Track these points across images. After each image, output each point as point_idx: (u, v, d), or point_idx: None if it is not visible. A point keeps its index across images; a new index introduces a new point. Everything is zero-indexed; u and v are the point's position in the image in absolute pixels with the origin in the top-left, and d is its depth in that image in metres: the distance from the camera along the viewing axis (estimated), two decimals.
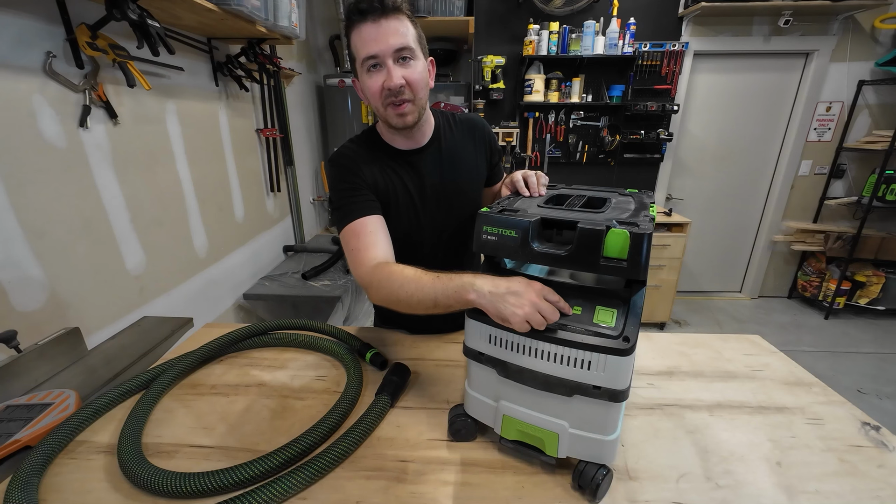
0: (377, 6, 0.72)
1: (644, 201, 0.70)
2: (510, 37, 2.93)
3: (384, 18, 0.73)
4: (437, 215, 0.91)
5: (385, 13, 0.73)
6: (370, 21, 0.73)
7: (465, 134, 0.95)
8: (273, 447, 0.63)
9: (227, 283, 1.95)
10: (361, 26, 0.74)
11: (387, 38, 0.73)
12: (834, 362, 2.65)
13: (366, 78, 0.78)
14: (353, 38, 0.76)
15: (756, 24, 2.84)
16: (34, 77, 1.06)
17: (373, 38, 0.73)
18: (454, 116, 0.97)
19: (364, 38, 0.74)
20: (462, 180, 0.93)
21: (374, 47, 0.73)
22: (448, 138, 0.92)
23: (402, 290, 0.68)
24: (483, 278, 0.60)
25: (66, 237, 1.16)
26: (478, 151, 0.96)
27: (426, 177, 0.89)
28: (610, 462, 0.58)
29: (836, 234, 3.07)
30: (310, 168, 2.98)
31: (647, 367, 0.89)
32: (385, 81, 0.76)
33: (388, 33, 0.73)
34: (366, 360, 0.90)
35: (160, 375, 0.82)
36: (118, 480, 0.61)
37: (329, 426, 0.68)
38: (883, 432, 0.71)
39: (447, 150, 0.91)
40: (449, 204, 0.92)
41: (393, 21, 0.73)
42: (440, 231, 0.93)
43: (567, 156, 3.17)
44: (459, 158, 0.92)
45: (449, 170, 0.91)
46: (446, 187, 0.91)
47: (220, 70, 1.81)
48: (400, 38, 0.74)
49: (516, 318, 0.54)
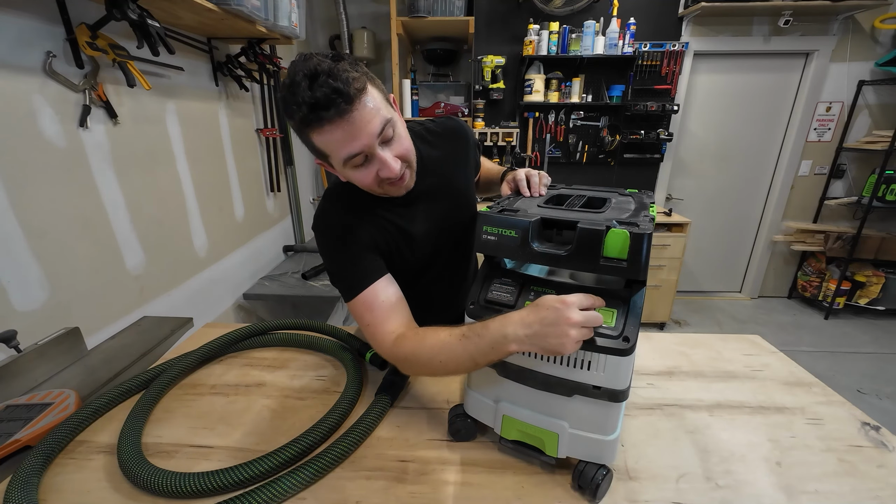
0: (339, 100, 0.57)
1: (644, 201, 0.70)
2: (510, 37, 2.93)
3: (354, 109, 0.58)
4: (440, 241, 0.85)
5: (352, 102, 0.58)
6: (337, 119, 0.58)
7: (447, 146, 0.86)
8: (273, 447, 0.63)
9: (227, 283, 1.95)
10: (325, 127, 0.59)
11: (365, 129, 0.60)
12: (834, 362, 2.65)
13: (352, 173, 0.66)
14: (315, 140, 0.62)
15: (756, 25, 2.84)
16: (34, 77, 1.07)
17: (349, 137, 0.60)
18: (429, 131, 0.86)
19: (337, 140, 0.60)
20: (458, 196, 0.87)
21: (355, 146, 0.61)
22: (434, 162, 0.82)
23: (435, 360, 0.63)
24: (512, 323, 0.54)
25: (66, 237, 1.16)
26: (465, 158, 0.89)
27: (423, 212, 0.81)
28: (610, 462, 0.58)
29: (836, 235, 3.07)
30: (310, 168, 2.98)
31: (647, 367, 0.89)
32: (381, 171, 0.65)
33: (363, 123, 0.60)
34: (366, 360, 0.90)
35: (160, 375, 0.82)
36: (118, 480, 0.61)
37: (329, 426, 0.68)
38: (883, 432, 0.71)
39: (436, 175, 0.82)
40: (450, 225, 0.86)
41: (363, 106, 0.59)
42: (446, 252, 0.88)
43: (567, 156, 3.17)
44: (450, 176, 0.85)
45: (443, 195, 0.84)
46: (444, 211, 0.84)
47: (220, 70, 1.81)
48: (378, 120, 0.61)
49: (567, 349, 0.50)
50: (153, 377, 0.82)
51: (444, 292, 0.93)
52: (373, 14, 2.90)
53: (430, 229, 0.82)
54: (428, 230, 0.82)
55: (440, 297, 0.92)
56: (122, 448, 0.63)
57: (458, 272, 0.95)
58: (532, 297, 0.59)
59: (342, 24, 2.68)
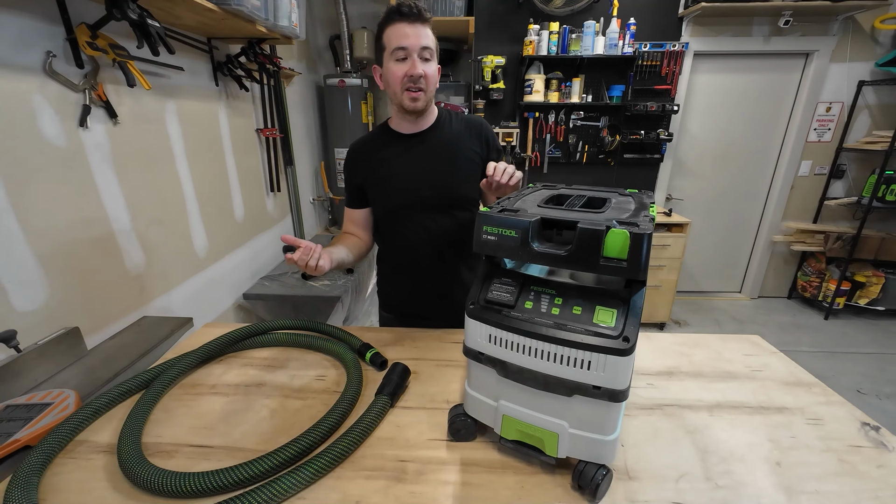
0: (416, 13, 0.92)
1: (644, 201, 0.70)
2: (510, 37, 2.93)
3: (419, 23, 0.93)
4: (430, 192, 1.04)
5: (420, 20, 0.93)
6: (407, 22, 0.92)
7: (463, 128, 1.09)
8: (273, 447, 0.63)
9: (226, 283, 1.95)
10: (399, 24, 0.92)
11: (417, 38, 0.92)
12: (834, 362, 2.65)
13: (392, 65, 0.95)
14: (387, 31, 0.94)
15: (756, 25, 2.85)
16: (34, 77, 1.07)
17: (406, 35, 0.92)
18: (458, 115, 1.12)
19: (399, 33, 0.92)
20: (454, 161, 1.06)
21: (405, 41, 0.92)
22: (446, 129, 1.08)
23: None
24: None
25: (66, 237, 1.16)
26: (472, 142, 1.08)
27: (416, 155, 1.05)
28: (610, 462, 0.58)
29: (836, 235, 3.07)
30: (310, 168, 2.98)
31: (647, 367, 0.89)
32: (408, 70, 0.93)
33: (419, 34, 0.92)
34: (366, 361, 0.90)
35: (160, 375, 0.82)
36: (118, 480, 0.61)
37: (329, 426, 0.68)
38: (883, 433, 0.71)
39: (444, 136, 1.07)
40: (442, 182, 1.05)
41: (424, 28, 0.94)
42: (434, 210, 1.06)
43: (567, 156, 3.17)
44: (454, 145, 1.07)
45: (442, 151, 1.06)
46: (439, 166, 1.05)
47: (220, 70, 1.81)
48: (426, 41, 0.94)
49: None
50: (153, 377, 0.82)
51: (427, 241, 1.08)
52: (373, 14, 2.90)
53: (413, 170, 1.04)
54: (412, 170, 1.04)
55: (424, 246, 1.08)
56: (122, 448, 0.63)
57: (442, 232, 1.07)
58: (532, 296, 0.59)
59: (342, 24, 2.68)
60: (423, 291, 1.13)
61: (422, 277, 1.11)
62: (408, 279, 1.13)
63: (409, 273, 1.12)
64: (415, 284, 1.13)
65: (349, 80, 2.70)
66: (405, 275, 1.14)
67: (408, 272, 1.12)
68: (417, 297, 1.15)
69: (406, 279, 1.14)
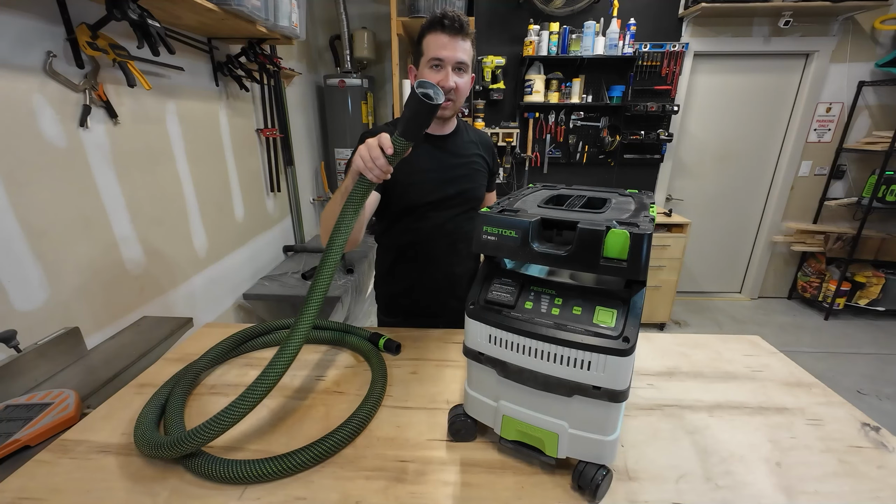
0: (457, 27, 0.94)
1: (644, 202, 0.70)
2: (510, 37, 2.93)
3: (459, 37, 0.95)
4: (454, 190, 1.09)
5: (461, 34, 0.95)
6: (448, 34, 0.94)
7: (476, 138, 1.18)
8: (273, 447, 0.63)
9: (227, 283, 1.95)
10: (440, 34, 0.94)
11: (455, 51, 0.95)
12: (834, 363, 2.65)
13: (427, 71, 0.98)
14: (427, 39, 0.97)
15: (756, 25, 2.85)
16: (34, 77, 1.07)
17: (444, 46, 0.94)
18: (469, 125, 1.21)
19: (438, 43, 0.95)
20: (472, 166, 1.13)
21: (443, 53, 0.94)
22: (465, 136, 1.15)
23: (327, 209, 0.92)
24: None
25: (66, 237, 1.16)
26: (483, 152, 1.18)
27: (443, 155, 1.09)
28: (610, 462, 0.58)
29: (836, 235, 3.07)
30: (310, 168, 2.98)
31: (647, 367, 0.89)
32: (441, 81, 0.95)
33: (456, 48, 0.95)
34: (380, 347, 0.93)
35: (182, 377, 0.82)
36: (118, 480, 0.61)
37: (360, 420, 0.70)
38: (883, 433, 0.71)
39: (465, 141, 1.13)
40: (465, 182, 1.11)
41: (464, 42, 0.96)
42: (454, 208, 1.10)
43: (567, 156, 3.17)
44: (472, 151, 1.15)
45: (464, 155, 1.12)
46: (462, 168, 1.11)
47: (221, 70, 1.81)
48: (463, 55, 0.96)
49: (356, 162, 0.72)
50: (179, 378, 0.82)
51: (443, 236, 1.11)
52: (373, 14, 2.90)
53: (443, 167, 1.08)
54: (441, 167, 1.08)
55: (441, 240, 1.12)
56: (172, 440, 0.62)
57: (458, 230, 1.12)
58: (532, 297, 0.59)
59: (342, 24, 2.68)
60: (434, 284, 1.14)
61: (434, 270, 1.13)
62: (420, 273, 1.14)
63: (423, 265, 1.13)
64: (427, 277, 1.14)
65: (349, 81, 2.70)
66: (417, 268, 1.14)
67: (422, 265, 1.13)
68: (428, 291, 1.15)
69: (418, 272, 1.14)
